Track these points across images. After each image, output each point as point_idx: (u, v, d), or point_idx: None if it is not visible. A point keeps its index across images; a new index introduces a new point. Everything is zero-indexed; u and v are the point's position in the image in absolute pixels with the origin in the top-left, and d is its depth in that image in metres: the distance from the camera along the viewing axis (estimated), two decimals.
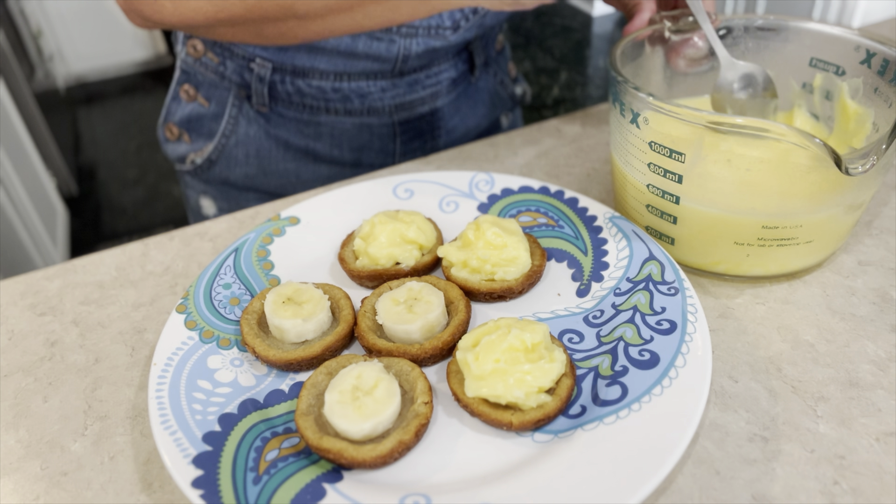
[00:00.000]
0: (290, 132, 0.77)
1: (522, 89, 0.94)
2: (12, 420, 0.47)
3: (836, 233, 0.51)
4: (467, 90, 0.84)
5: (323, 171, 0.80)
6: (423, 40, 0.71)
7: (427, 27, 0.71)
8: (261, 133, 0.78)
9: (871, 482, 0.39)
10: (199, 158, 0.81)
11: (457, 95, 0.82)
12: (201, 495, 0.37)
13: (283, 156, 0.79)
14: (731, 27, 0.59)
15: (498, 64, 0.88)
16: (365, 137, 0.78)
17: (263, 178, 0.80)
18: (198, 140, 0.80)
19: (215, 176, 0.82)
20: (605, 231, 0.55)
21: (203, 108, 0.78)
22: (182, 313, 0.49)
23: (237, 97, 0.76)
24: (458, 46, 0.77)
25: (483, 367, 0.41)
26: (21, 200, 1.87)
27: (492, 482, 0.38)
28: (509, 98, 0.91)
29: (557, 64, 3.22)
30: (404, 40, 0.70)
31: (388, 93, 0.75)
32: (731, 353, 0.47)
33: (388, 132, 0.78)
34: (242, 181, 0.81)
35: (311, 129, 0.77)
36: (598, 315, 0.49)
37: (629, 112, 0.50)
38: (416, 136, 0.81)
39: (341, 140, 0.78)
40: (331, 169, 0.80)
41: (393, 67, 0.73)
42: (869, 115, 0.53)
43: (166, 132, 0.83)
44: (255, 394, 0.45)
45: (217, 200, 0.84)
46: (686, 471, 0.40)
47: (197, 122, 0.79)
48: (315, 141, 0.78)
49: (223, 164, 0.80)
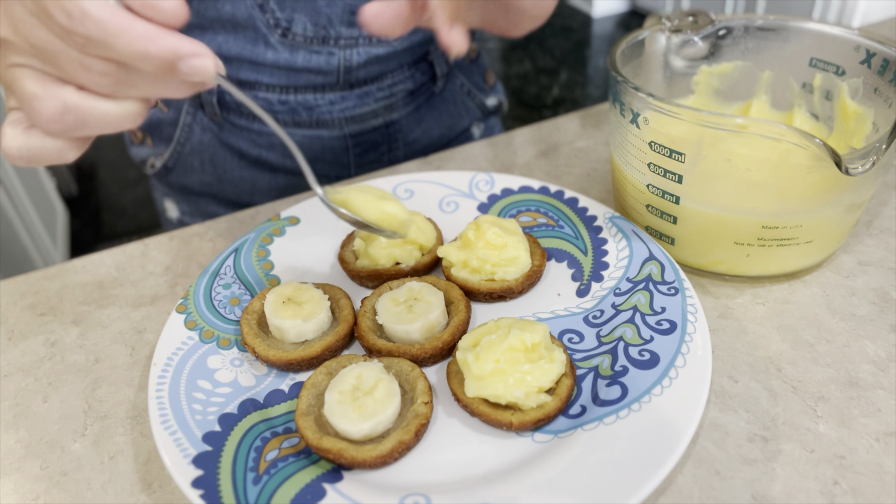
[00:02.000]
0: (243, 141, 0.76)
1: (498, 100, 0.91)
2: (12, 420, 0.47)
3: (836, 233, 0.51)
4: (430, 101, 0.82)
5: (279, 180, 0.79)
6: (363, 49, 0.70)
7: (368, 35, 0.69)
8: (215, 141, 0.77)
9: (871, 482, 0.39)
10: (159, 163, 0.80)
11: (417, 107, 0.80)
12: (201, 495, 0.37)
13: (238, 164, 0.78)
14: (731, 27, 0.59)
15: (468, 73, 0.85)
16: (316, 149, 0.77)
17: (219, 185, 0.79)
18: (158, 144, 0.80)
19: (174, 181, 0.81)
20: (605, 231, 0.55)
21: (162, 113, 0.77)
22: (182, 313, 0.49)
23: (192, 105, 0.75)
24: (413, 56, 0.76)
25: (483, 367, 0.41)
26: (21, 200, 1.87)
27: (492, 482, 0.38)
28: (478, 108, 0.88)
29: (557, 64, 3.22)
30: (343, 51, 0.69)
31: (336, 105, 0.74)
32: (731, 353, 0.47)
33: (339, 145, 0.77)
34: (199, 188, 0.81)
35: (262, 139, 0.76)
36: (598, 315, 0.49)
37: (629, 112, 0.50)
38: (371, 149, 0.79)
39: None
40: (287, 179, 0.79)
41: (337, 79, 0.71)
42: (869, 115, 0.53)
43: (131, 134, 0.83)
44: (255, 394, 0.45)
45: (179, 204, 0.84)
46: (686, 471, 0.40)
47: (157, 126, 0.78)
48: (268, 151, 0.77)
49: (180, 171, 0.80)
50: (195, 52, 0.33)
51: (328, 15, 0.67)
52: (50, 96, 0.32)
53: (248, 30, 0.67)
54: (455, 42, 0.39)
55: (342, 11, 0.67)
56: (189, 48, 0.32)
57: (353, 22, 0.68)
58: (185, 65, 0.32)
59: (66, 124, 0.33)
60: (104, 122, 0.34)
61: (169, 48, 0.32)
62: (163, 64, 0.32)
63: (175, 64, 0.32)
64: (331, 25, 0.67)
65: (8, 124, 0.34)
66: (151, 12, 0.32)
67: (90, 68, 0.32)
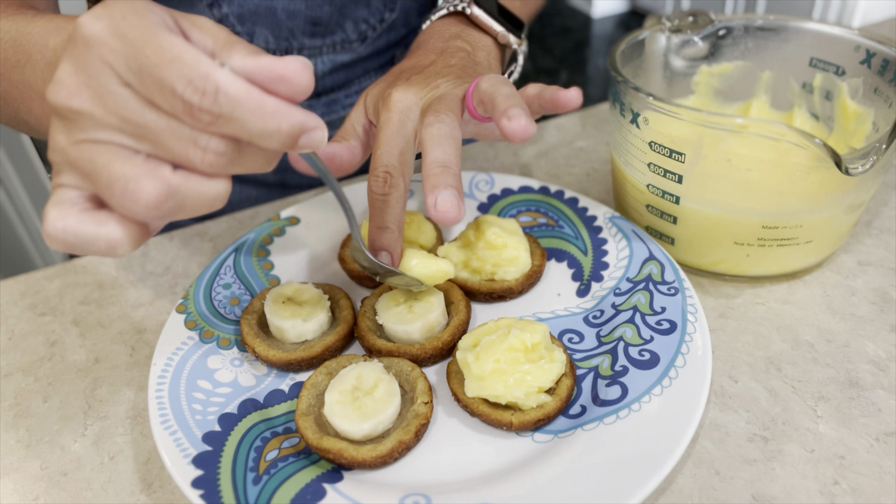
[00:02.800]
0: None
1: None
2: (12, 420, 0.47)
3: (836, 233, 0.51)
4: None
5: (250, 192, 0.77)
6: (328, 58, 0.69)
7: (331, 43, 0.68)
8: None
9: (871, 482, 0.39)
10: None
11: None
12: (201, 495, 0.37)
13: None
14: (731, 27, 0.59)
15: None
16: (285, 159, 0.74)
17: None
18: None
19: None
20: (605, 231, 0.55)
21: None
22: (182, 313, 0.49)
23: None
24: (379, 61, 0.75)
25: (483, 367, 0.41)
26: (21, 200, 1.87)
27: (492, 482, 0.38)
28: None
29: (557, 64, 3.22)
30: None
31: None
32: (731, 353, 0.47)
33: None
34: None
35: None
36: (598, 315, 0.49)
37: (629, 112, 0.50)
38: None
39: None
40: (258, 191, 0.77)
41: None
42: (869, 115, 0.53)
43: None
44: (255, 394, 0.45)
45: None
46: (686, 471, 0.40)
47: None
48: None
49: None
50: (316, 124, 0.31)
51: (290, 28, 0.66)
52: (151, 178, 0.28)
53: None
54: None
55: (303, 23, 0.66)
56: (313, 122, 0.30)
57: (315, 33, 0.67)
58: (306, 139, 0.30)
59: (166, 209, 0.29)
60: (201, 204, 0.30)
61: (299, 124, 0.30)
62: (290, 139, 0.30)
63: (298, 139, 0.30)
64: (293, 37, 0.67)
65: (54, 205, 0.29)
66: (283, 87, 0.29)
67: (206, 147, 0.29)
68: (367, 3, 0.68)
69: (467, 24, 0.57)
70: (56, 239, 0.29)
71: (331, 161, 0.46)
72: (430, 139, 0.41)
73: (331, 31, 0.68)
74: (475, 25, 0.57)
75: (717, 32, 0.59)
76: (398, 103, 0.45)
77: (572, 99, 0.43)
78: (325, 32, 0.67)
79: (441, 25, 0.56)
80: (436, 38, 0.55)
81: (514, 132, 0.39)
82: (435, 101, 0.44)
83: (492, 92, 0.42)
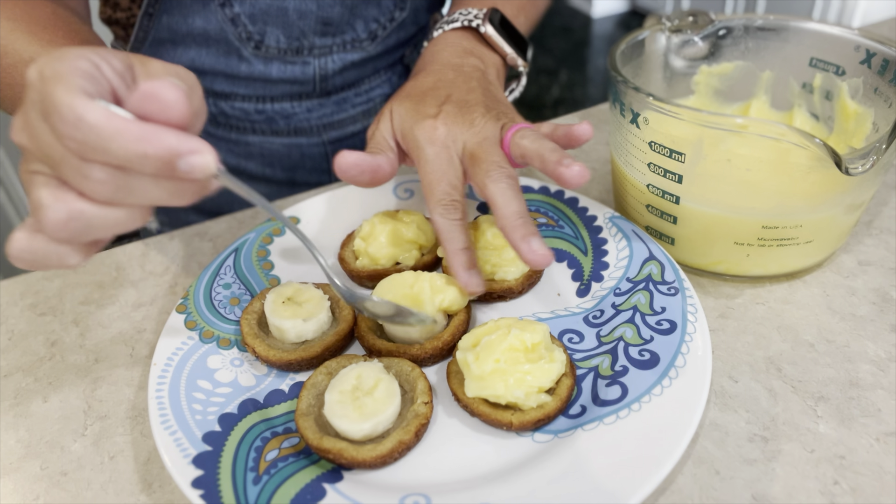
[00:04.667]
0: (221, 151, 0.75)
1: None
2: (12, 420, 0.47)
3: (836, 233, 0.51)
4: None
5: (259, 189, 0.78)
6: (338, 56, 0.70)
7: (342, 42, 0.69)
8: None
9: (871, 482, 0.39)
10: None
11: None
12: (201, 495, 0.37)
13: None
14: (731, 27, 0.59)
15: None
16: (296, 157, 0.76)
17: None
18: None
19: None
20: (605, 231, 0.55)
21: None
22: (182, 313, 0.49)
23: None
24: (389, 60, 0.75)
25: (483, 367, 0.41)
26: (21, 200, 1.87)
27: (492, 482, 0.38)
28: None
29: (557, 64, 3.22)
30: (318, 60, 0.69)
31: (314, 113, 0.73)
32: (731, 353, 0.47)
33: (319, 152, 0.77)
34: None
35: (240, 148, 0.75)
36: (598, 315, 0.49)
37: (629, 112, 0.50)
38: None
39: (272, 160, 0.76)
40: (267, 188, 0.78)
41: (314, 88, 0.71)
42: (869, 115, 0.53)
43: None
44: (255, 394, 0.45)
45: (158, 213, 0.83)
46: (686, 471, 0.40)
47: None
48: (246, 160, 0.76)
49: None
50: (193, 149, 0.32)
51: (300, 27, 0.66)
52: (55, 202, 0.32)
53: (220, 43, 0.66)
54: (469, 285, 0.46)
55: (315, 23, 0.66)
56: (188, 145, 0.31)
57: (325, 32, 0.68)
58: (184, 163, 0.31)
59: (72, 231, 0.32)
60: (108, 227, 0.33)
61: (167, 146, 0.31)
62: (161, 164, 0.31)
63: (174, 164, 0.31)
64: (304, 37, 0.67)
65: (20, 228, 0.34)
66: (153, 106, 0.31)
67: (88, 175, 0.31)
68: (377, 3, 0.68)
69: (479, 40, 0.59)
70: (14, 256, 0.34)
71: (376, 172, 0.49)
72: (501, 193, 0.45)
73: (341, 31, 0.68)
74: (486, 43, 0.59)
75: (717, 32, 0.59)
76: (444, 138, 0.49)
77: (584, 132, 0.48)
78: (336, 32, 0.68)
79: (454, 38, 0.59)
80: (449, 51, 0.58)
81: (572, 177, 0.43)
82: (482, 148, 0.48)
83: (538, 149, 0.46)
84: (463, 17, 0.59)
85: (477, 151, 0.48)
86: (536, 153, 0.46)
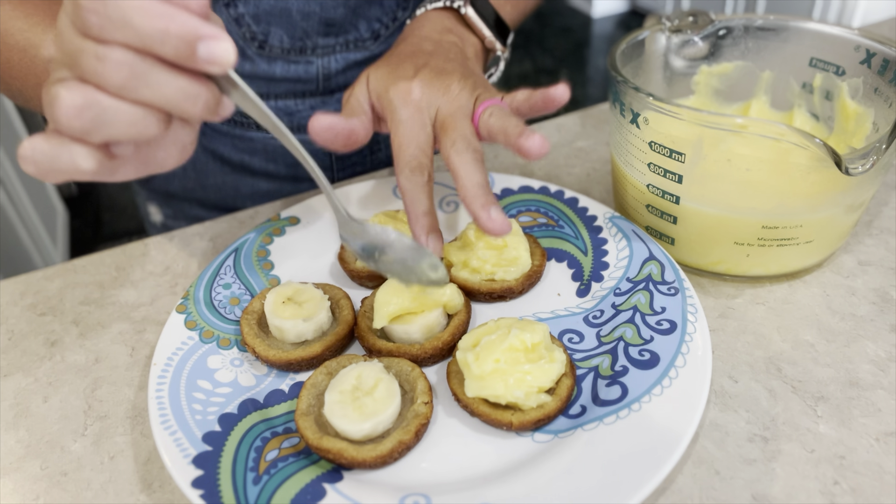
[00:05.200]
0: (225, 146, 0.75)
1: None
2: (12, 420, 0.47)
3: (836, 233, 0.51)
4: None
5: (262, 185, 0.78)
6: (341, 56, 0.70)
7: (345, 42, 0.69)
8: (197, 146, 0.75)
9: (871, 482, 0.39)
10: None
11: None
12: (201, 495, 0.37)
13: (221, 169, 0.77)
14: (731, 27, 0.59)
15: None
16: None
17: (202, 190, 0.79)
18: None
19: (156, 186, 0.81)
20: (605, 231, 0.55)
21: None
22: (182, 313, 0.49)
23: None
24: None
25: (483, 367, 0.41)
26: (21, 200, 1.87)
27: (492, 482, 0.38)
28: None
29: (557, 64, 3.22)
30: (321, 59, 0.69)
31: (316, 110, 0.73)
32: (731, 353, 0.47)
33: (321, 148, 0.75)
34: (182, 192, 0.80)
35: (244, 143, 0.75)
36: (598, 315, 0.49)
37: (629, 112, 0.50)
38: (353, 153, 0.79)
39: (275, 155, 0.76)
40: (270, 184, 0.78)
41: (317, 86, 0.71)
42: (869, 115, 0.53)
43: None
44: (255, 394, 0.45)
45: (162, 208, 0.84)
46: (686, 471, 0.40)
47: None
48: (250, 156, 0.76)
49: (162, 176, 0.79)
50: (214, 34, 0.32)
51: (304, 28, 0.67)
52: (71, 92, 0.32)
53: None
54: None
55: (318, 24, 0.67)
56: (209, 29, 0.32)
57: (329, 32, 0.68)
58: (204, 47, 0.32)
59: (85, 120, 0.32)
60: (122, 124, 0.33)
61: (189, 25, 0.31)
62: (182, 45, 0.32)
63: (194, 46, 0.32)
64: (307, 37, 0.68)
65: (33, 135, 0.34)
66: None
67: (105, 57, 0.31)
68: (380, 3, 0.69)
69: (459, 21, 0.60)
70: (26, 158, 0.33)
71: (350, 135, 0.49)
72: (464, 164, 0.45)
73: (344, 31, 0.69)
74: (466, 25, 0.60)
75: (717, 32, 0.59)
76: (417, 100, 0.49)
77: (561, 94, 0.46)
78: (339, 32, 0.68)
79: (435, 16, 0.60)
80: (429, 27, 0.58)
81: (531, 147, 0.43)
82: (453, 118, 0.48)
83: (502, 125, 0.46)
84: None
85: (448, 121, 0.48)
86: (501, 129, 0.46)
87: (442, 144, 0.47)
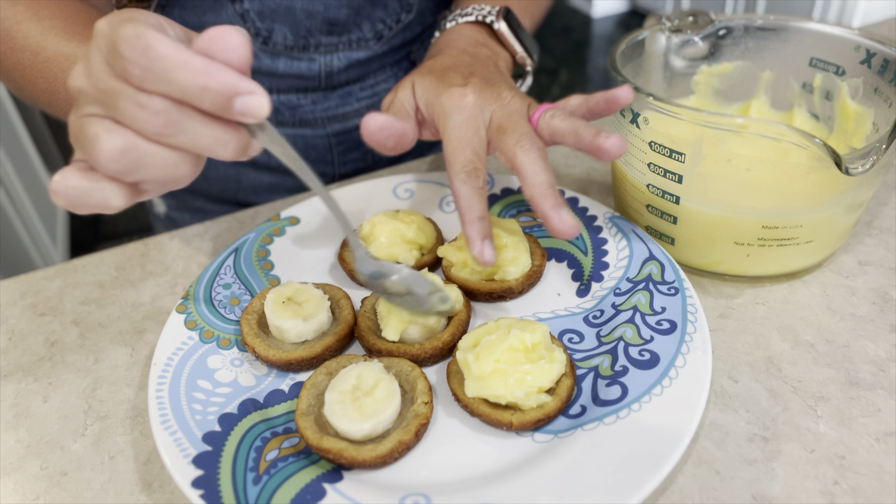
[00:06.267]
0: None
1: None
2: (12, 420, 0.47)
3: (836, 233, 0.51)
4: None
5: (264, 178, 0.79)
6: (344, 55, 0.71)
7: (347, 41, 0.70)
8: None
9: (871, 482, 0.39)
10: None
11: None
12: (201, 495, 0.37)
13: (224, 162, 0.77)
14: (731, 27, 0.59)
15: None
16: (300, 148, 0.76)
17: (204, 182, 0.79)
18: None
19: None
20: (605, 231, 0.55)
21: None
22: (182, 313, 0.49)
23: None
24: (395, 56, 0.76)
25: (483, 367, 0.41)
26: (21, 200, 1.87)
27: (492, 482, 0.38)
28: None
29: (557, 64, 3.22)
30: (324, 57, 0.70)
31: (318, 105, 0.74)
32: (731, 353, 0.47)
33: (323, 143, 0.77)
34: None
35: None
36: (598, 315, 0.49)
37: (629, 112, 0.50)
38: (354, 148, 0.79)
39: None
40: (272, 176, 0.79)
41: (320, 83, 0.72)
42: (869, 115, 0.53)
43: None
44: (255, 394, 0.45)
45: (166, 199, 0.84)
46: (686, 471, 0.40)
47: None
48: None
49: None
50: (251, 89, 0.33)
51: (307, 26, 0.67)
52: (112, 134, 0.33)
53: None
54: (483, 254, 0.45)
55: (321, 23, 0.67)
56: (247, 85, 0.33)
57: (332, 31, 0.68)
58: (240, 102, 0.33)
59: (125, 163, 0.33)
60: (158, 167, 0.34)
61: (228, 82, 0.32)
62: (219, 99, 0.32)
63: (231, 101, 0.32)
64: (310, 35, 0.68)
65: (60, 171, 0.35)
66: (216, 45, 0.33)
67: (145, 105, 0.32)
68: (384, 5, 0.69)
69: (490, 35, 0.61)
70: (59, 193, 0.34)
71: (403, 136, 0.49)
72: (531, 162, 0.45)
73: (348, 31, 0.69)
74: (497, 39, 0.61)
75: (717, 32, 0.59)
76: (471, 105, 0.49)
77: (625, 95, 0.46)
78: (342, 31, 0.69)
79: (467, 30, 0.60)
80: (463, 40, 0.59)
81: (611, 147, 0.43)
82: (511, 120, 0.48)
83: (570, 126, 0.46)
84: (477, 12, 0.60)
85: (505, 123, 0.48)
86: (570, 130, 0.46)
87: (503, 145, 0.47)
